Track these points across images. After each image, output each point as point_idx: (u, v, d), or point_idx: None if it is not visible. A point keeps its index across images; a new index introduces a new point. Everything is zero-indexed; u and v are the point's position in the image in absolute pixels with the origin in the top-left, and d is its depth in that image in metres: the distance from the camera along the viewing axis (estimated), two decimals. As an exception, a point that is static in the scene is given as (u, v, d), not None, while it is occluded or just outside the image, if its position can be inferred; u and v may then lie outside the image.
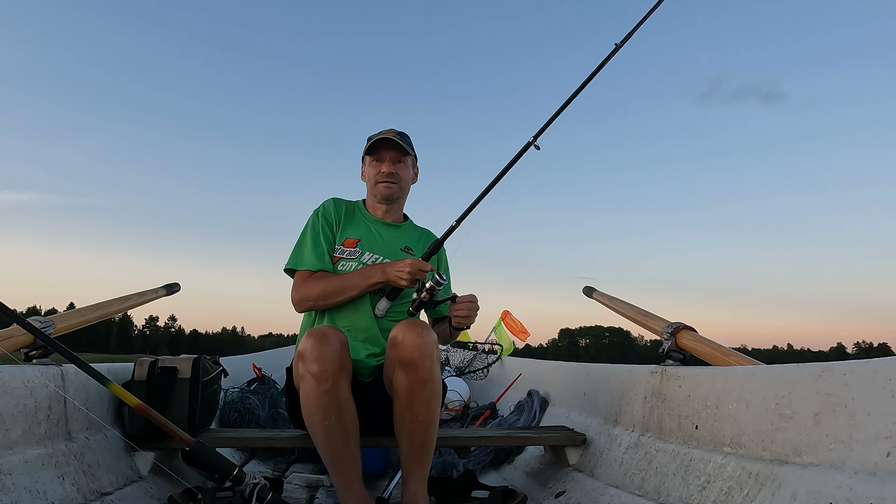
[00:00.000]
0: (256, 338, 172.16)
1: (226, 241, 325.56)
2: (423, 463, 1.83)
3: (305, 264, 2.08)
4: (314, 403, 1.74)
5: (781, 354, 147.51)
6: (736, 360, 1.72)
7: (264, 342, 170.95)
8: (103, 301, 2.27)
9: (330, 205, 2.19)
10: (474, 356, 5.16)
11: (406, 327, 1.77)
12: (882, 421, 1.05)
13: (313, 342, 1.73)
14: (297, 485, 2.50)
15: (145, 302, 2.51)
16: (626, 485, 1.82)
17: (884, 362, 1.10)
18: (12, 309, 1.59)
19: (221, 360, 2.50)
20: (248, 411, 2.99)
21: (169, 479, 2.00)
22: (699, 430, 1.62)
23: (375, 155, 2.15)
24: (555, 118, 2.24)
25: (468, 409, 3.75)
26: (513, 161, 2.17)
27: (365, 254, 2.12)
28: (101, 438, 1.84)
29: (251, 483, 1.51)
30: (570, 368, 3.03)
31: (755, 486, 1.30)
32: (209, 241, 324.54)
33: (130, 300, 2.40)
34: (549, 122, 2.23)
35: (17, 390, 1.49)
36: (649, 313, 2.26)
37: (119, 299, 2.34)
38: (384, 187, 2.15)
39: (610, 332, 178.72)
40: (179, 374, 2.05)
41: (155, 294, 2.58)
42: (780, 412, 1.31)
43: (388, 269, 1.99)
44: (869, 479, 1.03)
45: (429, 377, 1.76)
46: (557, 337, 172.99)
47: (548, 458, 2.42)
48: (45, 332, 1.68)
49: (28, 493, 1.39)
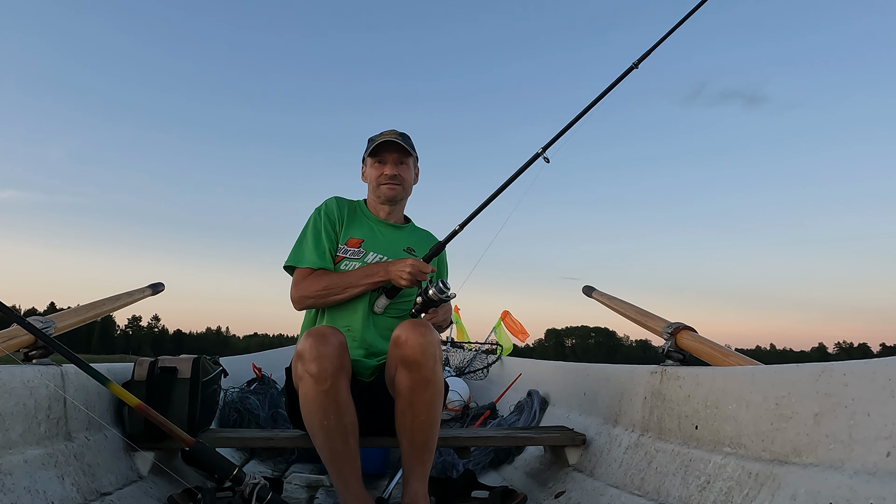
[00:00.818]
0: (241, 338, 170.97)
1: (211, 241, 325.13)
2: (425, 463, 1.83)
3: (306, 262, 2.08)
4: (313, 403, 1.74)
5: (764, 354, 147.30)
6: (736, 360, 1.72)
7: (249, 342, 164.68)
8: (96, 301, 2.28)
9: (332, 203, 2.18)
10: (474, 356, 5.15)
11: (409, 327, 1.78)
12: (882, 421, 1.05)
13: (312, 342, 1.73)
14: (296, 485, 2.50)
15: (133, 302, 2.52)
16: (626, 485, 1.82)
17: (884, 362, 1.10)
18: (12, 309, 1.59)
19: (221, 360, 2.50)
20: (247, 411, 2.99)
21: (169, 479, 2.00)
22: (699, 430, 1.62)
23: (378, 157, 2.15)
24: (565, 131, 2.23)
25: (468, 409, 3.75)
26: (520, 171, 2.18)
27: (369, 254, 2.11)
28: (101, 438, 1.84)
29: (251, 483, 1.51)
30: (570, 368, 3.03)
31: (755, 486, 1.30)
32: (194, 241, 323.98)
33: (120, 300, 2.41)
34: (559, 135, 2.22)
35: (17, 390, 1.49)
36: (649, 313, 2.26)
37: (110, 299, 2.35)
38: (388, 189, 2.15)
39: (596, 332, 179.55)
40: (179, 374, 2.05)
41: (142, 294, 2.58)
42: (780, 412, 1.31)
43: (390, 268, 1.99)
44: (869, 479, 1.03)
45: (431, 377, 1.76)
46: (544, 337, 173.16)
47: (548, 459, 2.42)
48: (45, 332, 1.69)
49: (28, 493, 1.39)
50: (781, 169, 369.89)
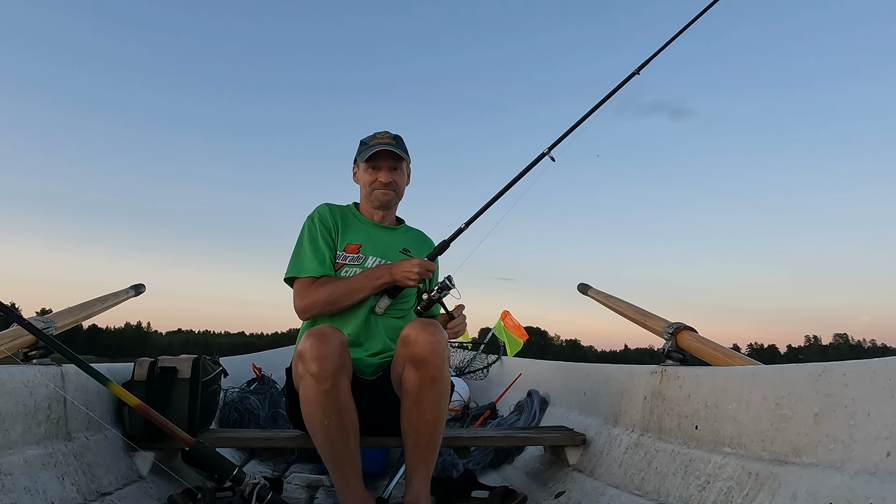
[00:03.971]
0: (164, 334, 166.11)
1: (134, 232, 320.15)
2: (428, 462, 1.83)
3: (307, 271, 2.06)
4: (314, 403, 1.74)
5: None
6: (737, 360, 1.72)
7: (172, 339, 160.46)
8: (87, 301, 2.29)
9: (325, 210, 2.16)
10: (474, 356, 5.16)
11: (419, 326, 1.78)
12: (882, 421, 1.05)
13: (313, 342, 1.73)
14: (296, 485, 2.50)
15: (119, 302, 2.52)
16: (626, 485, 1.82)
17: (884, 362, 1.10)
18: (12, 309, 1.59)
19: (221, 360, 2.51)
20: (247, 411, 2.99)
21: (169, 479, 2.00)
22: (699, 430, 1.62)
23: (373, 163, 2.13)
24: (570, 132, 2.34)
25: (468, 409, 3.75)
26: (526, 169, 2.24)
27: (368, 258, 2.11)
28: (101, 438, 1.84)
29: (251, 483, 1.51)
30: (570, 368, 3.03)
31: (755, 486, 1.30)
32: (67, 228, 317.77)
33: (108, 301, 2.42)
34: (565, 135, 2.32)
35: (17, 390, 1.49)
36: (648, 313, 2.26)
37: (99, 299, 2.36)
38: (382, 194, 2.14)
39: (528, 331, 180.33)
40: (179, 374, 2.05)
41: (126, 295, 2.59)
42: (780, 412, 1.31)
43: (395, 269, 1.99)
44: (869, 479, 1.03)
45: (438, 375, 1.77)
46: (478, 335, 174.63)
47: (548, 459, 2.42)
48: (46, 332, 1.69)
49: (28, 493, 1.39)
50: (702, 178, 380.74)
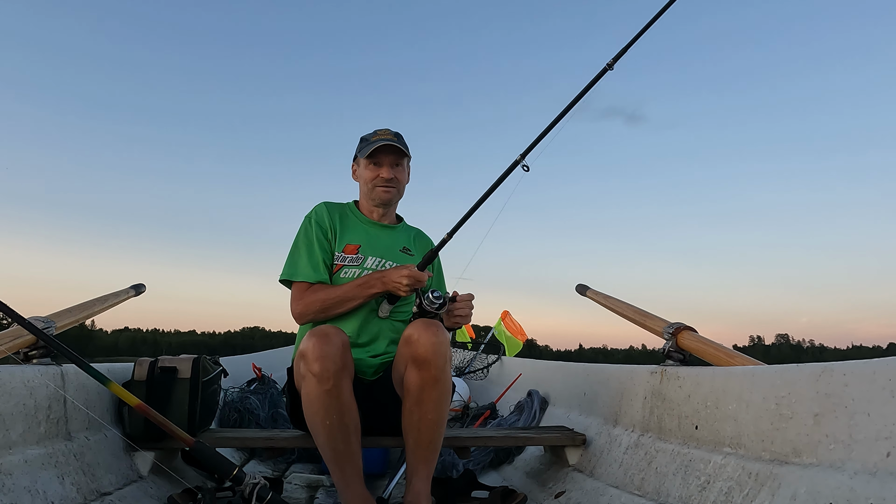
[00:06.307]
0: (110, 332, 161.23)
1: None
2: (429, 462, 1.83)
3: (301, 275, 2.05)
4: (316, 403, 1.74)
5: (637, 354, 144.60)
6: (738, 360, 1.72)
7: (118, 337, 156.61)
8: (87, 301, 2.29)
9: (322, 210, 2.14)
10: (474, 356, 5.15)
11: (422, 326, 1.78)
12: (882, 421, 1.05)
13: (315, 342, 1.73)
14: (297, 485, 2.50)
15: (119, 302, 2.52)
16: (626, 485, 1.82)
17: (884, 362, 1.10)
18: (12, 309, 1.59)
19: (221, 360, 2.51)
20: (248, 411, 2.99)
21: (169, 479, 2.00)
22: (699, 430, 1.62)
23: (374, 159, 2.12)
24: (542, 138, 2.19)
25: (468, 409, 3.75)
26: (499, 180, 2.14)
27: (367, 259, 2.10)
28: (101, 438, 1.84)
29: (251, 483, 1.51)
30: (570, 368, 3.03)
31: (755, 487, 1.31)
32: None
33: (108, 300, 2.42)
34: (535, 142, 2.18)
35: (17, 390, 1.49)
36: (648, 313, 2.25)
37: (100, 299, 2.36)
38: (383, 192, 2.14)
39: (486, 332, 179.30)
40: (179, 374, 2.05)
41: (126, 294, 2.59)
42: (780, 412, 1.31)
43: (386, 278, 1.97)
44: (869, 480, 1.03)
45: (440, 375, 1.77)
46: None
47: (548, 459, 2.42)
48: (47, 332, 1.69)
49: (28, 492, 1.39)
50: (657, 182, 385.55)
